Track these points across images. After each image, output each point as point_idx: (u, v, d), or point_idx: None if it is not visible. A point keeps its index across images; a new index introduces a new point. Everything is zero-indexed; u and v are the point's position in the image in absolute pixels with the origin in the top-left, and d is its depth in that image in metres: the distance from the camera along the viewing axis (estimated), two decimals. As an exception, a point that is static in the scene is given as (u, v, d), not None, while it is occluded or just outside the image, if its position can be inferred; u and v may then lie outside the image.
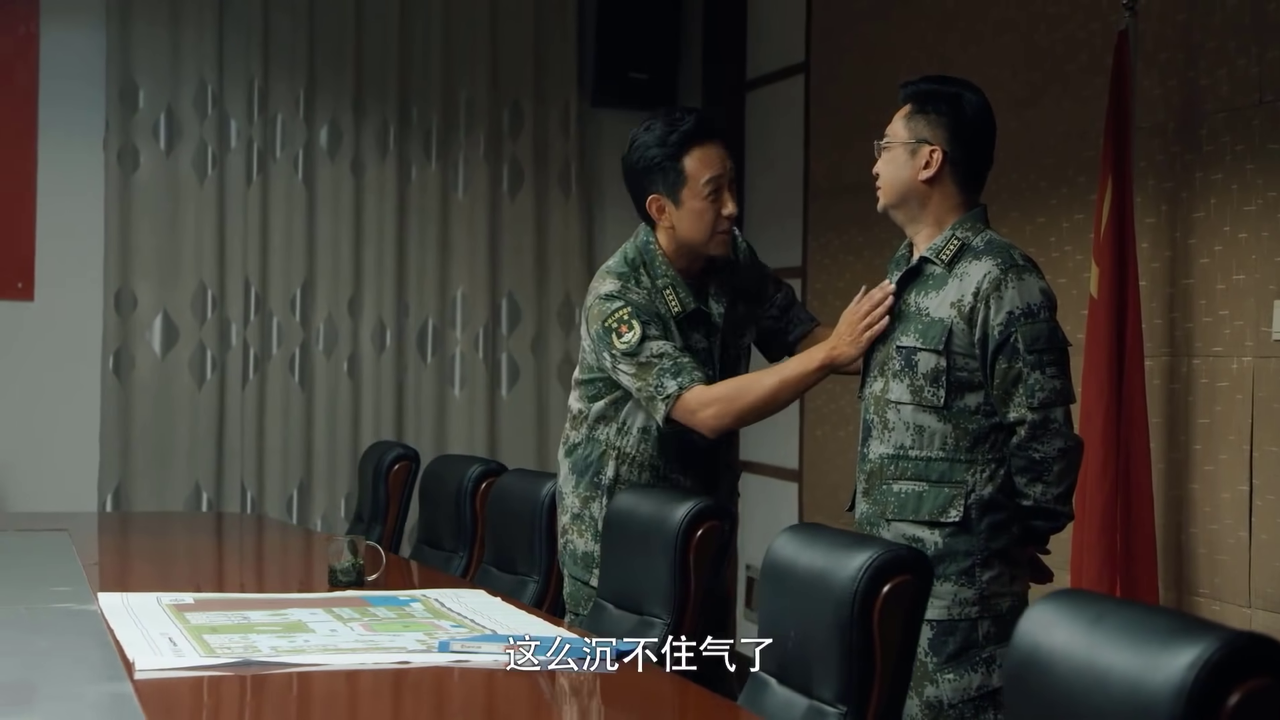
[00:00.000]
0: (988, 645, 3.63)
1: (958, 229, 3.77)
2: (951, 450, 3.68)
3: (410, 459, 5.81)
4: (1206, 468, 4.87)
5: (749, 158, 7.96)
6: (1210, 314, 4.85)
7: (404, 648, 3.29)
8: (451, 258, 7.83)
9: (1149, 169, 5.06)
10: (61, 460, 7.32)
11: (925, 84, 3.89)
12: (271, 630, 3.46)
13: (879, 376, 3.82)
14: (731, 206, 4.12)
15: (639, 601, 3.80)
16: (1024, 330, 3.63)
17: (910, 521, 3.69)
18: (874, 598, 2.79)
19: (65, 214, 7.37)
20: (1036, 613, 2.22)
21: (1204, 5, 4.92)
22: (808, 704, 2.89)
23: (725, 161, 4.13)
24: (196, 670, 3.05)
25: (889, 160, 3.84)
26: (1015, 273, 3.67)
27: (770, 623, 3.08)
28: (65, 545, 5.15)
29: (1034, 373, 3.63)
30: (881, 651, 2.78)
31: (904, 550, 2.89)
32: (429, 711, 3.00)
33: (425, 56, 7.79)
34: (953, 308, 3.68)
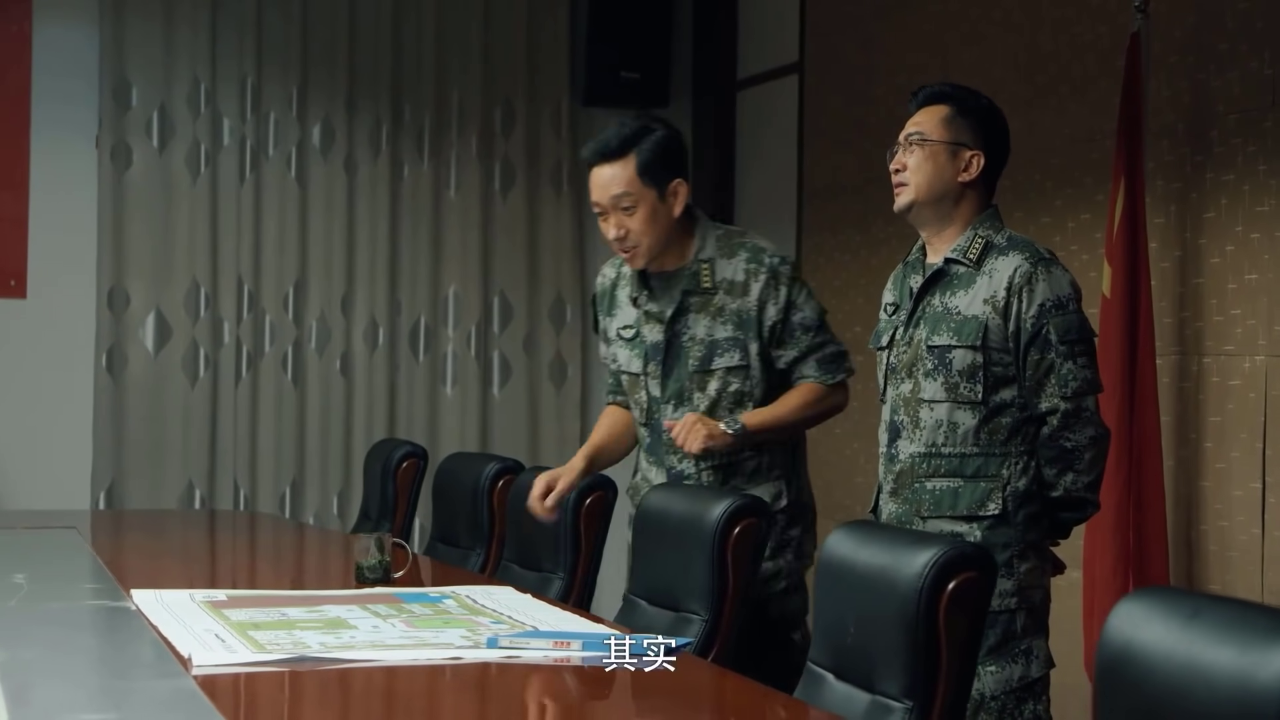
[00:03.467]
0: (1025, 637, 3.68)
1: (979, 228, 3.81)
2: (985, 444, 3.72)
3: (418, 456, 5.83)
4: (1218, 465, 4.92)
5: (740, 157, 8.00)
6: (1222, 313, 4.91)
7: (451, 644, 3.30)
8: (443, 256, 7.85)
9: (1157, 170, 5.12)
10: (55, 458, 7.32)
11: (952, 89, 3.92)
12: (314, 627, 3.47)
13: (907, 378, 3.84)
14: (612, 233, 4.17)
15: (675, 598, 3.83)
16: (1056, 321, 3.68)
17: (948, 517, 3.73)
18: (939, 594, 2.82)
19: (58, 212, 7.36)
20: (1126, 610, 2.25)
21: (1215, 8, 4.98)
22: (870, 699, 2.91)
23: (609, 189, 4.14)
24: (254, 666, 3.06)
25: (927, 158, 3.82)
26: (1044, 266, 3.72)
27: (827, 619, 3.11)
28: (80, 543, 5.16)
29: (1066, 363, 3.68)
30: (947, 647, 2.81)
31: (969, 547, 2.92)
32: (496, 706, 3.02)
33: (417, 55, 7.81)
34: (986, 304, 3.72)
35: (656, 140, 4.14)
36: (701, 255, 4.20)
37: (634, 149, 4.12)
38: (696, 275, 4.19)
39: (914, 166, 3.84)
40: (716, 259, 4.20)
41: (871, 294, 6.74)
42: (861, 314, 6.89)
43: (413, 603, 3.85)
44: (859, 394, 6.86)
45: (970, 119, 3.83)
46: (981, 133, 3.83)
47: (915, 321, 3.84)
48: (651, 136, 4.14)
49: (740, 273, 4.19)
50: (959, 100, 3.87)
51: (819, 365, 4.21)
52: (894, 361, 3.90)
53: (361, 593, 4.02)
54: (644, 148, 4.12)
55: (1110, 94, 5.30)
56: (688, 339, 4.22)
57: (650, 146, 4.12)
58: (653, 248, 4.17)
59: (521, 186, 7.96)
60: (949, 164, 3.81)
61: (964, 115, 3.83)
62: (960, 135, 3.82)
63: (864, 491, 6.76)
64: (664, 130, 4.18)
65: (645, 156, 4.11)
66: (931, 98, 3.90)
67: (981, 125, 3.84)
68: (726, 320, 4.18)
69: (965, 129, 3.82)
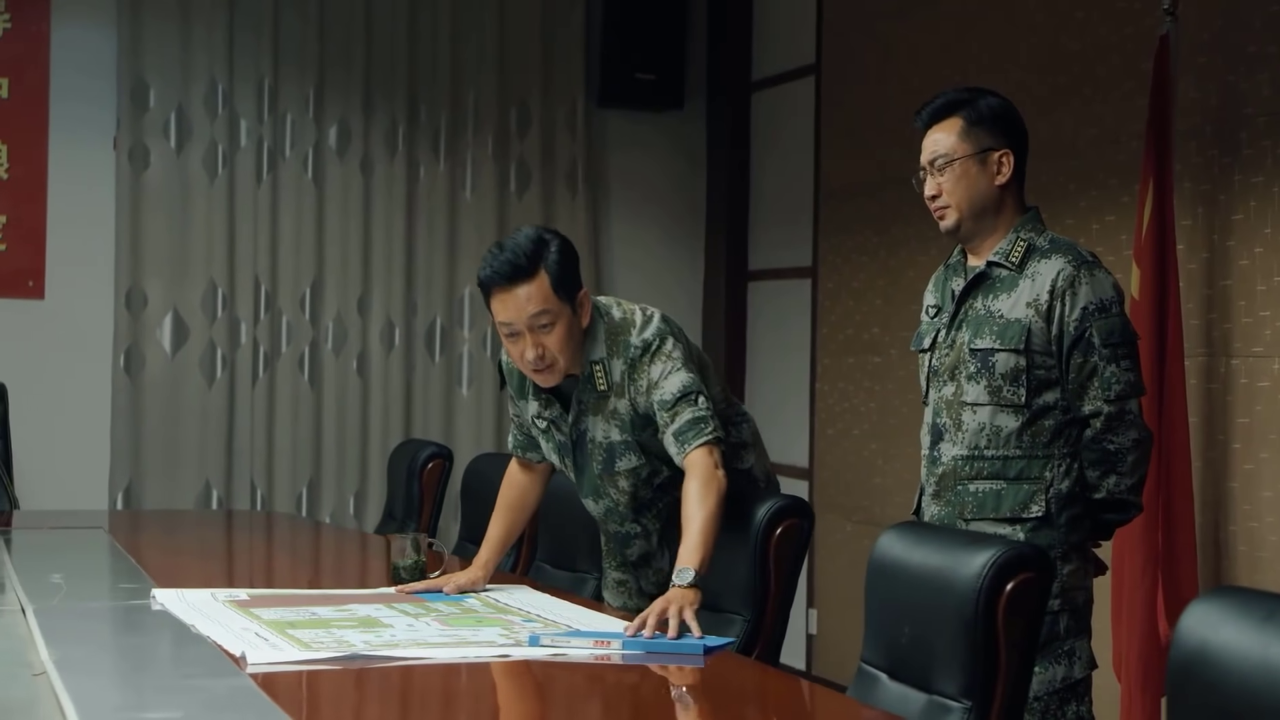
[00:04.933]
0: (1069, 638, 3.69)
1: (1020, 231, 3.80)
2: (1028, 447, 3.73)
3: (444, 457, 5.84)
4: (1246, 466, 4.94)
5: (755, 158, 8.03)
6: (1250, 315, 4.93)
7: (493, 642, 3.31)
8: (459, 257, 7.87)
9: (1184, 172, 5.14)
10: (73, 458, 7.33)
11: (954, 97, 3.88)
12: (349, 625, 3.48)
13: (949, 381, 3.85)
14: (530, 354, 3.84)
15: (716, 599, 3.83)
16: (1099, 325, 3.68)
17: (991, 519, 3.73)
18: (998, 595, 2.84)
19: (76, 213, 7.37)
20: (1199, 611, 2.27)
21: (1244, 10, 5.00)
22: (927, 699, 2.93)
23: (524, 309, 3.80)
24: (307, 665, 3.07)
25: (960, 176, 3.80)
26: (1087, 269, 3.72)
27: (879, 620, 3.13)
28: (110, 543, 5.17)
29: (1109, 366, 3.69)
30: (1005, 647, 2.83)
31: (1026, 547, 2.94)
32: (556, 702, 3.03)
33: (433, 57, 7.83)
34: (1029, 307, 3.72)
35: (558, 252, 3.84)
36: (593, 357, 3.93)
37: (542, 264, 3.80)
38: (591, 378, 3.93)
39: (949, 188, 3.82)
40: (606, 359, 3.92)
41: (890, 295, 6.78)
42: (879, 315, 6.92)
43: (437, 602, 3.87)
44: (876, 395, 6.91)
45: (985, 121, 3.82)
46: (1000, 129, 3.82)
47: (957, 324, 3.84)
48: (552, 249, 3.83)
49: (618, 372, 3.92)
50: (966, 106, 3.84)
51: (674, 439, 3.80)
52: (936, 364, 3.90)
53: (383, 592, 4.04)
54: (551, 260, 3.81)
55: (1135, 96, 5.33)
56: (590, 441, 4.01)
57: (556, 258, 3.82)
58: (568, 366, 3.91)
59: (537, 187, 7.97)
60: (981, 174, 3.80)
61: (978, 121, 3.81)
62: (982, 141, 3.80)
63: (881, 492, 6.80)
64: (559, 241, 3.87)
65: (555, 271, 3.81)
66: (938, 113, 3.87)
67: (997, 121, 3.82)
68: (619, 423, 3.94)
69: (984, 133, 3.81)
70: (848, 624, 6.92)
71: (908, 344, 6.62)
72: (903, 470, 6.71)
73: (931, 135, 3.86)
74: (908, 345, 6.63)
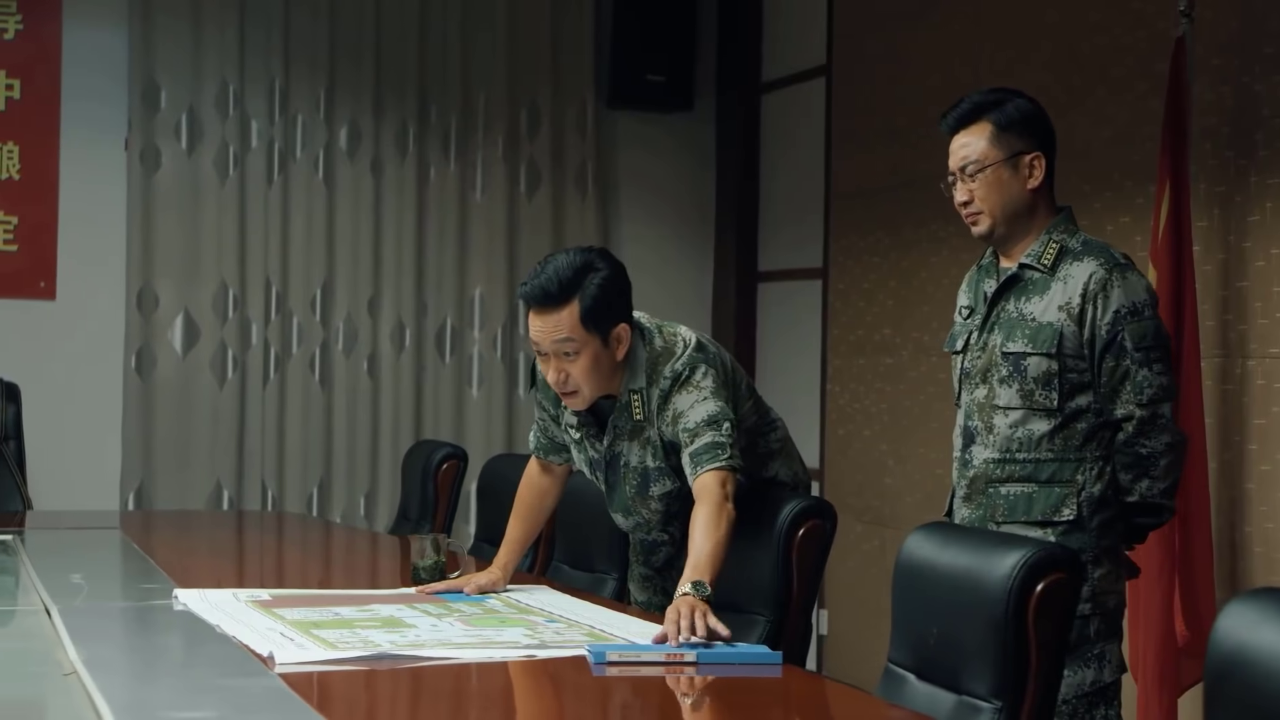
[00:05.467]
0: (1099, 641, 3.69)
1: (1053, 232, 3.80)
2: (1060, 450, 3.72)
3: (459, 458, 5.84)
4: (1263, 468, 4.95)
5: (764, 159, 8.05)
6: (1267, 316, 4.93)
7: (517, 642, 3.32)
8: (470, 257, 7.89)
9: (1200, 173, 5.14)
10: (84, 459, 7.34)
11: (980, 100, 3.86)
12: (373, 626, 3.49)
13: (981, 384, 3.84)
14: (553, 376, 3.84)
15: (736, 600, 3.84)
16: (1131, 328, 3.68)
17: (1022, 523, 3.72)
18: (1028, 595, 2.85)
19: (87, 214, 7.40)
20: (1237, 611, 2.27)
21: (1260, 11, 5.01)
22: (956, 699, 2.94)
23: (549, 334, 3.79)
24: (335, 665, 3.08)
25: (989, 183, 3.79)
26: (1119, 272, 3.72)
27: (906, 620, 3.13)
28: (126, 543, 5.18)
29: (1141, 369, 3.68)
30: (1036, 648, 2.84)
31: (1057, 548, 2.94)
32: (584, 702, 3.04)
33: (444, 58, 7.84)
34: (1061, 310, 3.72)
35: (599, 284, 3.77)
36: (632, 386, 3.88)
37: (576, 293, 3.75)
38: (628, 407, 3.90)
39: (981, 195, 3.81)
40: (646, 389, 3.88)
41: (902, 296, 6.79)
42: (891, 316, 6.92)
43: (457, 602, 3.87)
44: (888, 396, 6.92)
45: (1015, 124, 3.80)
46: (1030, 132, 3.80)
47: (989, 327, 3.84)
48: (594, 279, 3.77)
49: (656, 401, 3.88)
50: (995, 109, 3.82)
51: (691, 458, 3.74)
52: (968, 367, 3.89)
53: (403, 592, 4.04)
54: (587, 292, 3.76)
55: (1149, 97, 5.34)
56: (624, 465, 3.99)
57: (594, 291, 3.76)
58: (594, 394, 3.89)
59: (547, 188, 7.99)
60: (1013, 179, 3.79)
61: (1008, 125, 3.79)
62: (1013, 145, 3.79)
63: (892, 493, 6.80)
64: (607, 270, 3.81)
65: (588, 303, 3.76)
66: (966, 117, 3.85)
67: (1028, 124, 3.81)
68: (653, 450, 3.92)
69: (1015, 137, 3.79)
70: (859, 625, 6.93)
71: (919, 345, 6.68)
72: (914, 471, 6.72)
73: (959, 139, 3.85)
74: (919, 346, 6.68)
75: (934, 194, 6.58)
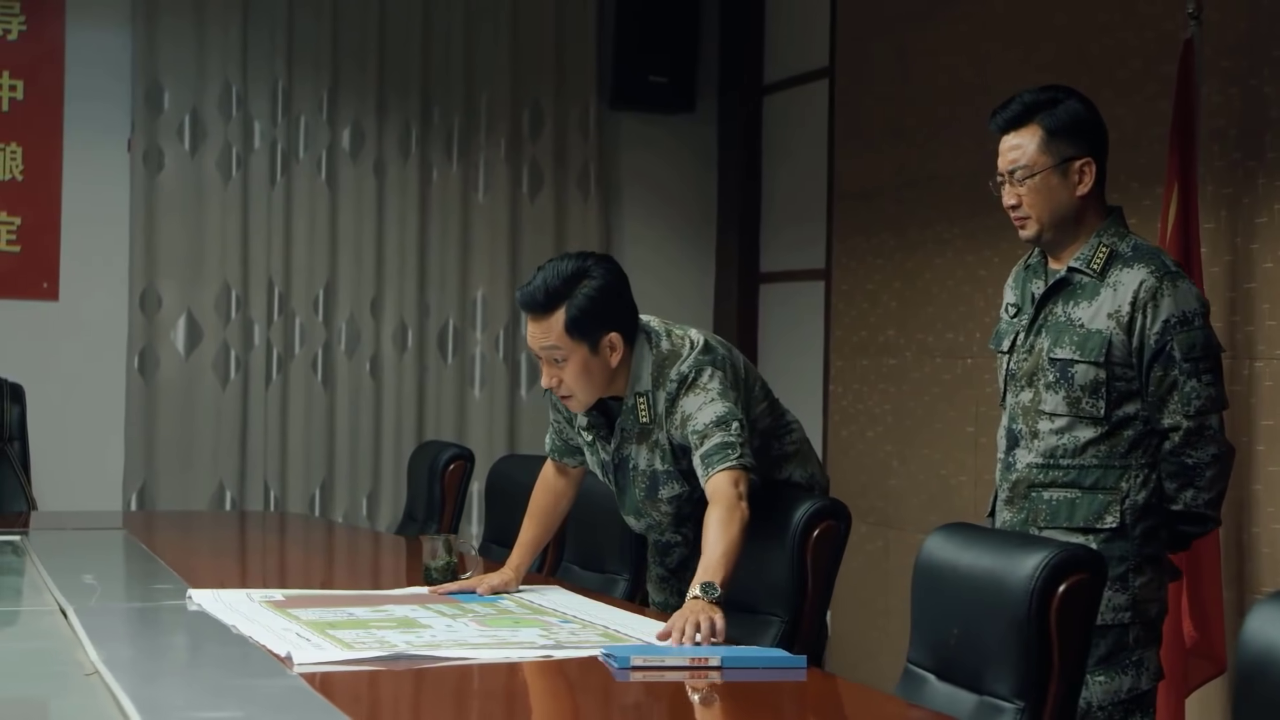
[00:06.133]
0: (1137, 648, 3.66)
1: (1103, 236, 3.74)
2: (1105, 457, 3.68)
3: (465, 458, 5.84)
4: (1270, 469, 4.96)
5: (767, 161, 8.06)
6: (1274, 318, 4.95)
7: (533, 642, 3.33)
8: (472, 258, 7.90)
9: (1207, 174, 5.15)
10: (87, 459, 7.34)
11: (1032, 101, 3.79)
12: (389, 626, 3.50)
13: (1027, 387, 3.80)
14: (545, 380, 3.90)
15: (751, 601, 3.85)
16: (1180, 338, 3.63)
17: (1064, 528, 3.68)
18: (1051, 596, 2.86)
19: (90, 214, 7.39)
20: (1265, 612, 2.28)
21: (1269, 14, 5.02)
22: (978, 699, 2.95)
23: (539, 340, 3.85)
24: (354, 665, 3.09)
25: (1039, 189, 3.73)
26: (1170, 280, 3.66)
27: (926, 621, 3.14)
28: (134, 544, 5.18)
29: (1190, 380, 3.63)
30: (1059, 648, 2.85)
31: (1079, 549, 2.95)
32: (602, 701, 3.04)
33: (446, 59, 7.85)
34: (1110, 318, 3.67)
35: (588, 294, 3.81)
36: (638, 389, 3.90)
37: (563, 303, 3.79)
38: (634, 410, 3.92)
39: (1029, 200, 3.75)
40: (653, 391, 3.90)
41: (906, 298, 6.80)
42: (895, 317, 6.93)
43: (471, 603, 3.88)
44: (891, 397, 6.93)
45: (1065, 129, 3.73)
46: (1082, 136, 3.75)
47: (1036, 329, 3.79)
48: (585, 289, 3.81)
49: (663, 404, 3.90)
50: (1045, 110, 3.76)
51: (703, 460, 3.75)
52: (1014, 368, 3.84)
53: (416, 593, 4.05)
54: (574, 302, 3.80)
55: (1157, 99, 5.35)
56: (633, 468, 3.99)
57: (581, 302, 3.80)
58: (589, 399, 3.93)
59: (549, 189, 8.00)
60: (1062, 185, 3.73)
61: (1058, 130, 3.73)
62: (1063, 151, 3.73)
63: (896, 494, 6.81)
64: (600, 280, 3.85)
65: (574, 313, 3.80)
66: (1017, 119, 3.79)
67: (1079, 128, 3.75)
68: (661, 453, 3.93)
69: (1065, 143, 3.73)
70: (863, 626, 6.94)
71: (923, 347, 6.70)
72: (918, 473, 6.73)
73: (1009, 140, 3.79)
74: (923, 348, 6.70)
75: (939, 195, 6.66)
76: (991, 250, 6.24)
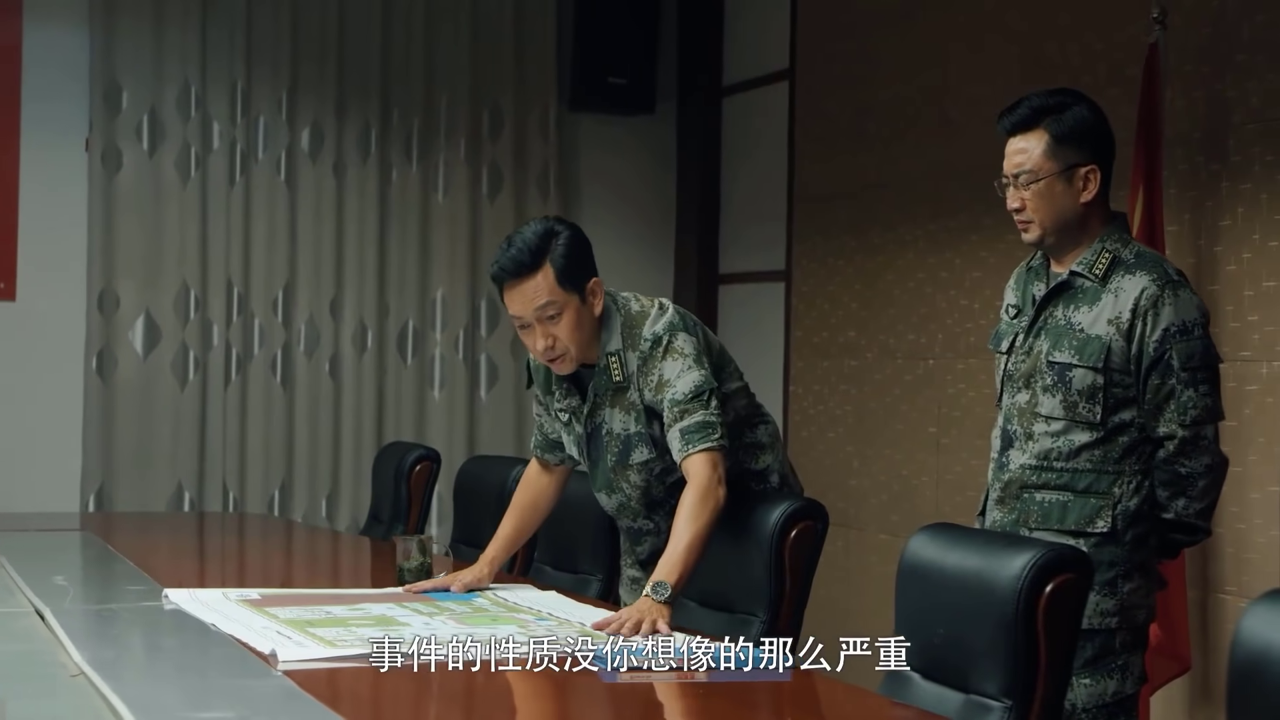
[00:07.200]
0: (1123, 653, 3.67)
1: (1106, 241, 3.73)
2: (1099, 462, 3.69)
3: (432, 459, 5.85)
4: (1234, 469, 4.95)
5: (726, 162, 8.07)
6: (1238, 319, 5.00)
7: (512, 640, 3.33)
8: (432, 259, 7.89)
9: (1171, 178, 5.21)
10: (44, 460, 7.29)
11: (1040, 105, 3.76)
12: (367, 624, 3.51)
13: (1024, 388, 3.80)
14: (540, 344, 3.97)
15: (729, 600, 3.88)
16: (1179, 347, 3.64)
17: (1055, 531, 3.68)
18: (1038, 596, 2.88)
19: (48, 214, 7.34)
20: (1260, 612, 2.31)
21: (1232, 19, 5.07)
22: (964, 698, 2.97)
23: (532, 301, 3.92)
24: (339, 661, 3.10)
25: (1043, 194, 3.72)
26: (1172, 289, 3.66)
27: (911, 620, 3.16)
28: (100, 545, 5.16)
29: (1187, 390, 3.64)
30: (1046, 648, 2.88)
31: (1066, 549, 2.98)
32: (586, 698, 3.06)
33: (406, 60, 7.84)
34: (1110, 324, 3.67)
35: (565, 244, 3.94)
36: (609, 349, 4.00)
37: (547, 257, 3.90)
38: (608, 370, 4.00)
39: (1033, 205, 3.74)
40: (623, 351, 3.99)
41: (867, 299, 6.84)
42: (856, 319, 6.97)
43: (446, 601, 3.90)
44: (853, 399, 6.96)
45: (1072, 136, 3.72)
46: (1087, 143, 3.73)
47: (1036, 332, 3.79)
48: (560, 240, 3.93)
49: (634, 363, 3.99)
50: (1053, 115, 3.74)
51: (681, 435, 3.85)
52: (1011, 369, 3.84)
53: (392, 591, 4.06)
54: (556, 254, 3.91)
55: (1121, 103, 5.38)
56: (606, 433, 4.06)
57: (563, 251, 3.92)
58: (580, 353, 4.00)
59: (509, 190, 8.00)
60: (1066, 191, 3.72)
61: (1064, 136, 3.71)
62: (1069, 157, 3.72)
63: (857, 495, 6.84)
64: (568, 232, 3.98)
65: (560, 264, 3.91)
66: (1024, 123, 3.76)
67: (1085, 134, 3.73)
68: (635, 414, 4.00)
69: (1071, 149, 3.72)
70: (820, 625, 6.94)
71: (885, 348, 6.73)
72: (879, 473, 6.76)
73: (1016, 144, 3.76)
74: (885, 349, 6.73)
75: (900, 197, 6.70)
76: (953, 252, 6.28)
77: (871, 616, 6.48)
